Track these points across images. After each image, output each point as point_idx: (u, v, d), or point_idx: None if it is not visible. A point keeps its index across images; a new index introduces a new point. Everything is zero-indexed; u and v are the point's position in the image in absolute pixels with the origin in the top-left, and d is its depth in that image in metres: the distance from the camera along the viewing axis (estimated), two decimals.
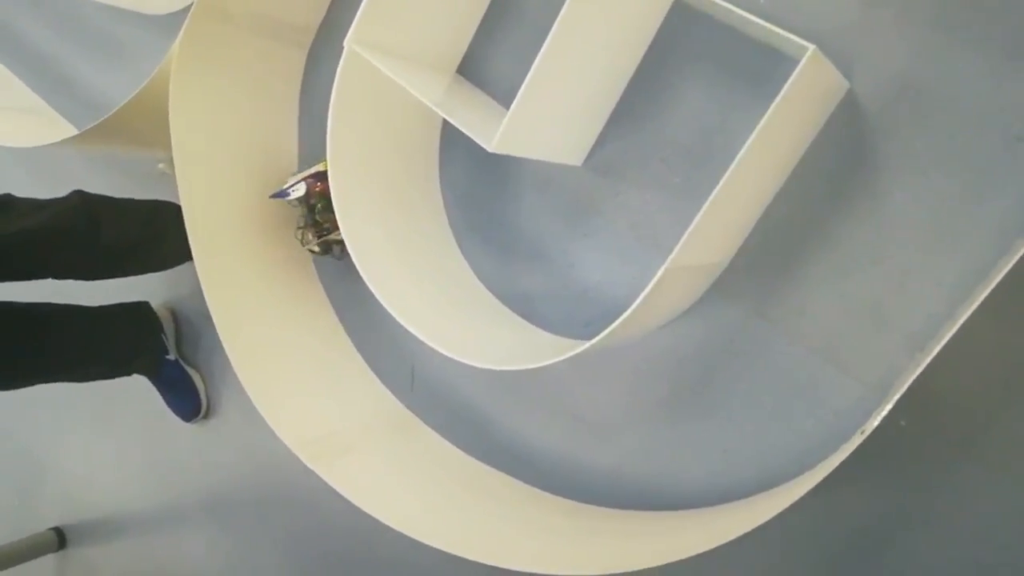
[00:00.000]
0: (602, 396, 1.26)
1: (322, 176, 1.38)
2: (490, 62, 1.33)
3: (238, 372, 1.26)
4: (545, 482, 1.31)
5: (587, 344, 0.99)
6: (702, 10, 1.09)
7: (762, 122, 0.84)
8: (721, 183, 0.86)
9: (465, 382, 1.41)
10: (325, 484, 1.25)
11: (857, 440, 0.89)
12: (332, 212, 1.35)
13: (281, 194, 1.39)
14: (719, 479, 1.16)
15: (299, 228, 1.43)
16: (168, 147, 1.31)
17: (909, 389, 0.96)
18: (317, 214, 1.39)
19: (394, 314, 1.16)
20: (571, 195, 1.27)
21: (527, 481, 1.33)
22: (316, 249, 1.42)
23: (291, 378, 1.36)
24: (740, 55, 1.12)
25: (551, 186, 1.29)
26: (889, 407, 0.85)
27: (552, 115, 1.06)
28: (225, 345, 1.28)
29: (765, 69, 1.09)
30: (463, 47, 1.31)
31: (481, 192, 1.36)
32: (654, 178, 1.20)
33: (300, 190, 1.37)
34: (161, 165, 1.62)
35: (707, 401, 1.17)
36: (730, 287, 1.15)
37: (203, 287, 1.29)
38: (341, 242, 1.35)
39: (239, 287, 1.36)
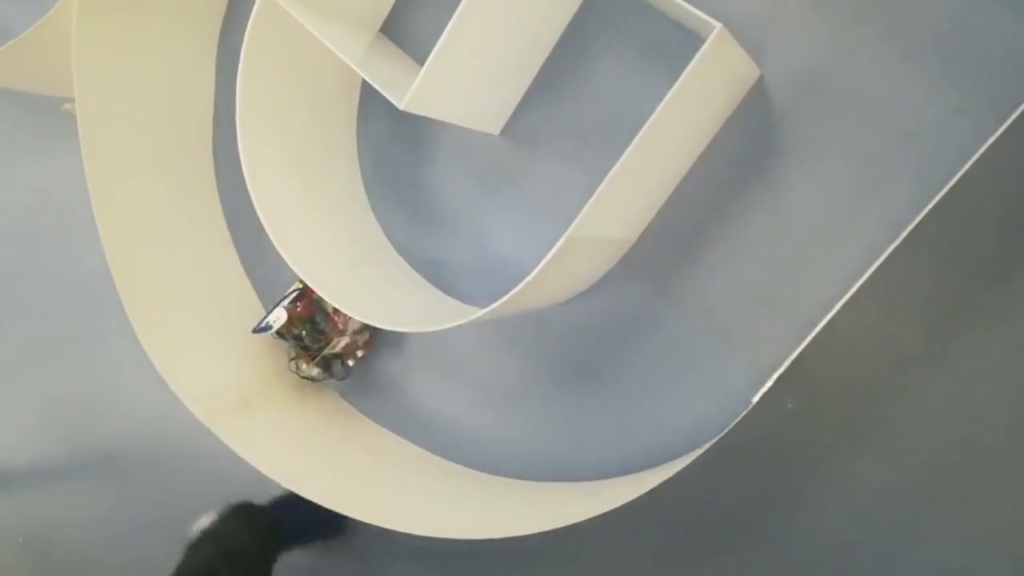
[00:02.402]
0: (505, 366, 1.27)
1: (301, 295, 1.31)
2: (414, 22, 1.31)
3: (132, 321, 1.23)
4: (444, 449, 1.31)
5: (483, 311, 0.99)
6: None
7: (666, 98, 0.85)
8: (623, 157, 0.87)
9: None
10: (223, 443, 1.23)
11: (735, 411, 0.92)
12: (321, 331, 1.31)
13: (263, 328, 1.30)
14: (612, 453, 1.18)
15: (291, 359, 1.34)
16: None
17: (797, 372, 1.00)
18: (306, 339, 1.31)
19: (297, 271, 1.13)
20: (487, 163, 1.27)
21: (426, 447, 1.33)
22: (315, 374, 1.33)
23: (191, 331, 1.32)
24: (660, 34, 1.12)
25: (467, 153, 1.28)
26: (768, 385, 0.88)
27: (467, 78, 1.05)
28: (121, 293, 1.24)
29: (683, 50, 1.10)
30: (387, 5, 1.29)
31: (398, 155, 1.34)
32: (569, 152, 1.20)
33: (281, 318, 1.29)
34: (67, 106, 1.55)
35: (605, 376, 1.18)
36: (635, 265, 1.16)
37: (100, 231, 1.24)
38: (340, 356, 1.32)
39: (140, 233, 1.32)
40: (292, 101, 1.20)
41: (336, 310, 1.32)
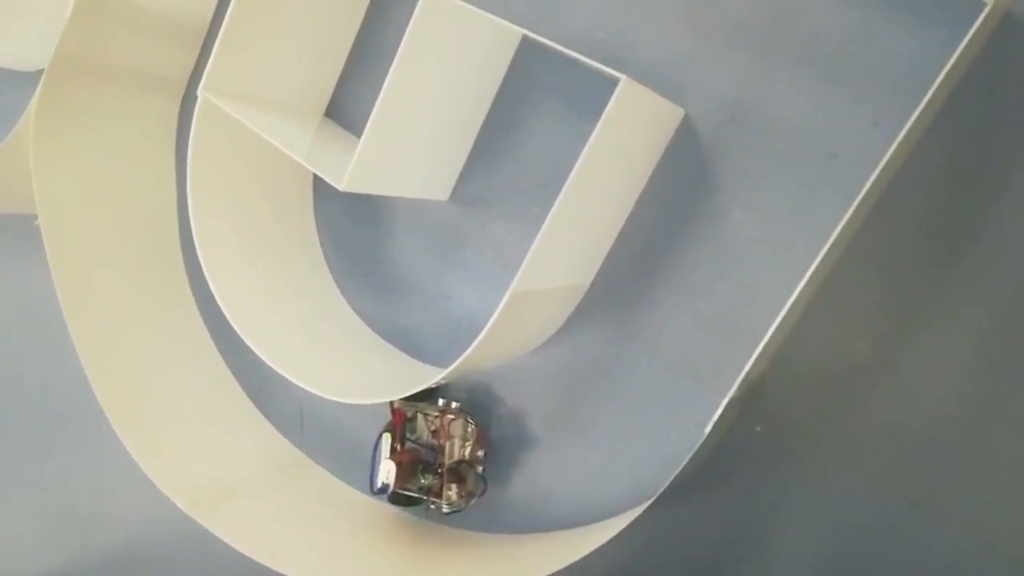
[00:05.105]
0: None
1: (395, 435, 1.23)
2: (356, 103, 1.36)
3: (112, 421, 1.25)
4: (433, 514, 1.32)
5: (444, 372, 1.02)
6: (542, 46, 1.15)
7: (585, 150, 0.89)
8: (552, 210, 0.90)
9: (354, 418, 1.41)
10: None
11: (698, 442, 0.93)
12: (433, 463, 1.22)
13: (381, 490, 1.22)
14: (594, 496, 1.19)
15: (426, 502, 1.24)
16: None
17: (762, 396, 1.02)
18: (428, 481, 1.22)
19: (267, 360, 1.16)
20: (441, 229, 1.31)
21: (416, 513, 1.33)
22: (454, 498, 1.21)
23: (172, 422, 1.34)
24: (585, 87, 1.17)
25: (421, 221, 1.32)
26: (719, 413, 0.90)
27: (403, 153, 1.09)
28: (98, 394, 1.26)
29: (608, 100, 1.15)
30: (328, 90, 1.34)
31: (356, 231, 1.38)
32: (516, 209, 1.24)
33: (390, 470, 1.20)
34: (37, 222, 1.60)
35: (579, 421, 1.20)
36: (592, 310, 1.19)
37: (72, 335, 1.28)
38: (466, 462, 1.22)
39: (113, 327, 1.35)
40: (246, 193, 1.25)
41: (435, 430, 1.23)
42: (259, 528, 1.28)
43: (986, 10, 0.90)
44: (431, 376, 1.13)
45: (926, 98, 0.87)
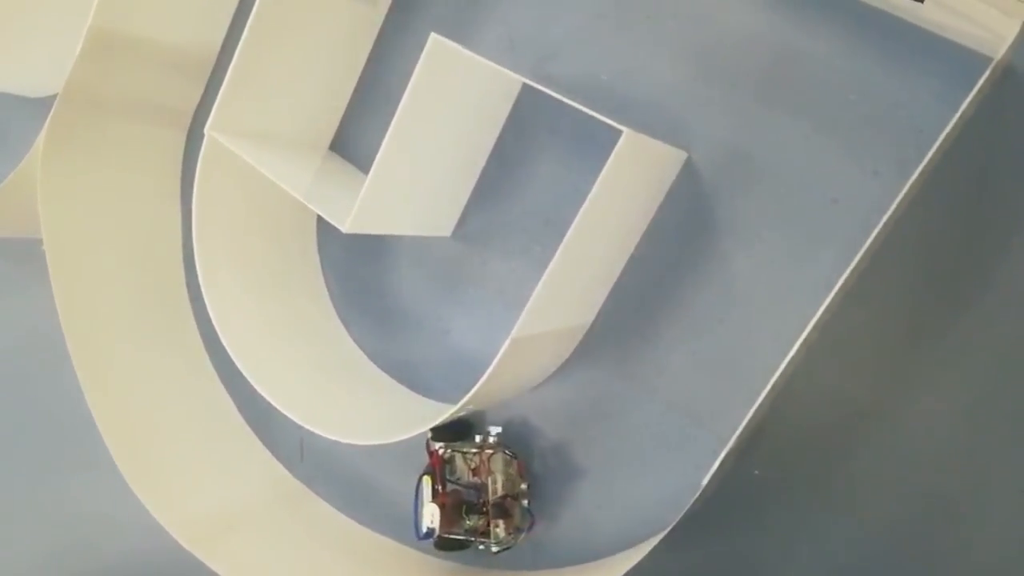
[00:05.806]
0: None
1: (436, 478, 1.19)
2: (362, 137, 1.37)
3: (112, 452, 1.25)
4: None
5: (447, 414, 1.02)
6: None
7: (588, 199, 0.90)
8: (554, 260, 0.91)
9: (356, 451, 1.42)
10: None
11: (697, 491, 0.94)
12: (478, 502, 1.19)
13: (427, 535, 1.19)
14: (592, 536, 1.19)
15: (475, 543, 1.19)
16: None
17: (760, 440, 1.03)
18: (474, 523, 1.17)
19: (270, 399, 1.17)
20: (443, 265, 1.31)
21: (415, 547, 1.34)
22: (502, 535, 1.16)
23: (173, 457, 1.35)
24: (588, 129, 1.17)
25: (424, 257, 1.33)
26: (715, 467, 0.90)
27: (406, 195, 1.10)
28: (95, 415, 1.27)
29: (612, 140, 1.16)
30: (334, 123, 1.35)
31: (359, 267, 1.39)
32: (518, 247, 1.25)
33: (435, 513, 1.17)
34: (45, 247, 1.61)
35: (577, 460, 1.20)
36: (593, 349, 1.19)
37: (71, 354, 1.29)
38: (510, 496, 1.18)
39: (115, 356, 1.35)
40: (250, 230, 1.26)
41: (475, 468, 1.20)
42: (258, 561, 1.28)
43: (992, 64, 0.91)
44: (435, 415, 1.13)
45: (930, 152, 0.88)
